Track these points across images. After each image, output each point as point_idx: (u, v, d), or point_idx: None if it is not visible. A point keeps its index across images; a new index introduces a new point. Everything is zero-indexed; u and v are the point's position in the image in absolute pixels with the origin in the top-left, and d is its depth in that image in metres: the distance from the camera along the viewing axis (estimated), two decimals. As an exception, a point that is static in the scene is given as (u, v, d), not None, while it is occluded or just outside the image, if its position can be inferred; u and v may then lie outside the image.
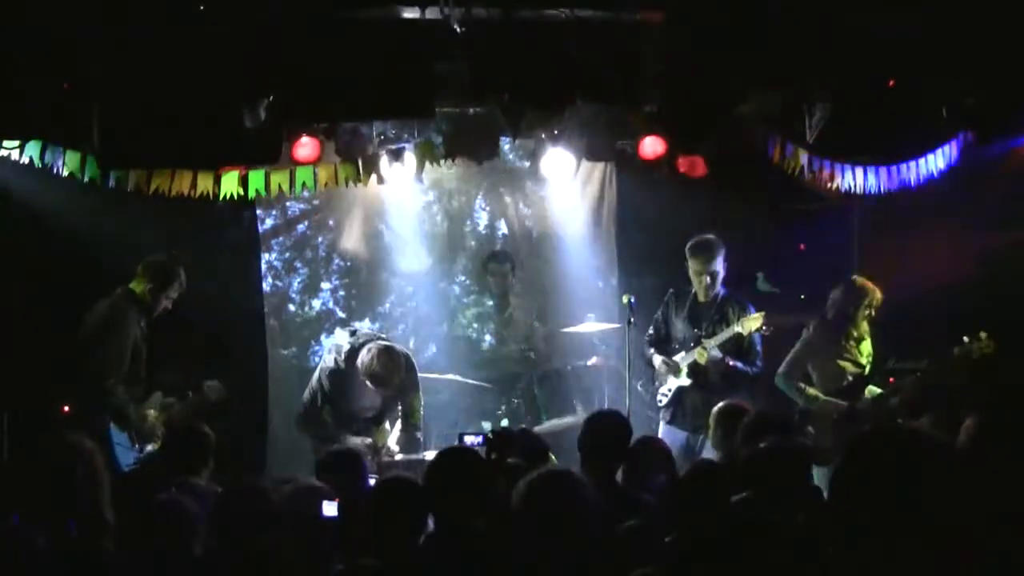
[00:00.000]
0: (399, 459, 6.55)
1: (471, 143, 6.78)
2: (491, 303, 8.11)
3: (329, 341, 7.21)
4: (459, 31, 5.73)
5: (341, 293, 8.61)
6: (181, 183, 6.37)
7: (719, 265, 6.55)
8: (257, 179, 6.57)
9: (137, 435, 6.26)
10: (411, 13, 5.78)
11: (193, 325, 7.10)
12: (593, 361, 7.79)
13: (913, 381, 6.28)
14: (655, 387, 6.91)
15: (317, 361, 7.78)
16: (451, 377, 7.80)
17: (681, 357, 6.64)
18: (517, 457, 4.71)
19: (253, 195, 6.74)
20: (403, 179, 6.89)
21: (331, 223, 8.54)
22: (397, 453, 6.64)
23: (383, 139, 6.74)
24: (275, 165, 6.46)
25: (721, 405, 5.45)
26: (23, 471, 3.88)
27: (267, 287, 8.41)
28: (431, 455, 4.98)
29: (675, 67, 6.13)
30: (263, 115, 5.75)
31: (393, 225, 8.65)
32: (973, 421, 3.01)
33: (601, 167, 8.41)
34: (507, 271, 7.98)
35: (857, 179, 6.91)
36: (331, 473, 4.57)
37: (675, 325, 6.81)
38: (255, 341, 8.11)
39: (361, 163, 6.69)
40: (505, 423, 7.35)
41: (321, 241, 8.59)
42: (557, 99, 6.07)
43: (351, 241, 8.57)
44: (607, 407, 7.10)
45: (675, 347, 6.77)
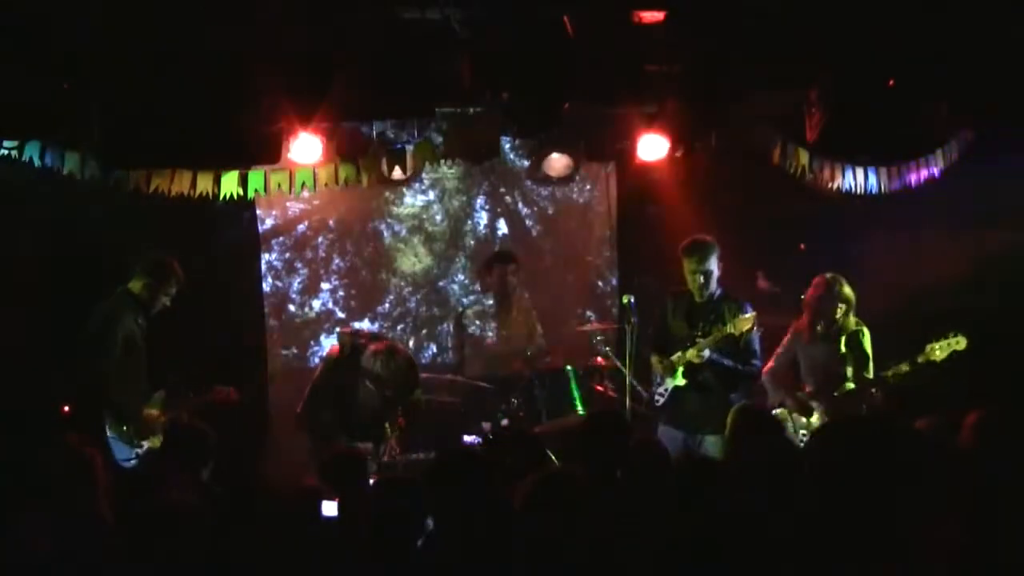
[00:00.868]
0: (399, 459, 6.55)
1: (471, 143, 6.78)
2: (491, 303, 8.11)
3: (329, 341, 7.22)
4: (459, 31, 5.73)
5: (341, 293, 8.61)
6: (181, 183, 6.36)
7: (712, 265, 6.55)
8: (257, 179, 6.56)
9: (136, 433, 6.26)
10: (411, 13, 5.78)
11: (193, 325, 7.10)
12: (593, 361, 7.79)
13: (891, 379, 6.29)
14: (654, 387, 6.91)
15: (317, 361, 7.79)
16: (451, 377, 7.81)
17: (677, 357, 6.64)
18: (516, 457, 4.71)
19: (253, 195, 6.74)
20: (403, 179, 6.88)
21: (331, 223, 8.55)
22: (397, 453, 6.64)
23: (383, 139, 6.74)
24: (275, 165, 6.46)
25: (736, 407, 5.45)
26: (23, 471, 3.88)
27: (267, 287, 8.41)
28: (431, 455, 4.98)
29: (675, 67, 6.14)
30: (263, 115, 5.76)
31: (393, 225, 8.67)
32: (974, 419, 3.02)
33: (601, 167, 8.41)
34: (507, 271, 7.97)
35: (857, 179, 6.91)
36: (331, 473, 4.58)
37: (673, 325, 6.81)
38: (255, 341, 8.11)
39: (361, 163, 6.69)
40: (505, 423, 7.35)
41: (321, 241, 8.59)
42: (557, 99, 6.08)
43: (351, 241, 8.58)
44: (607, 407, 7.10)
45: (674, 347, 6.76)
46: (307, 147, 6.27)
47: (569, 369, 7.72)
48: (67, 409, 6.27)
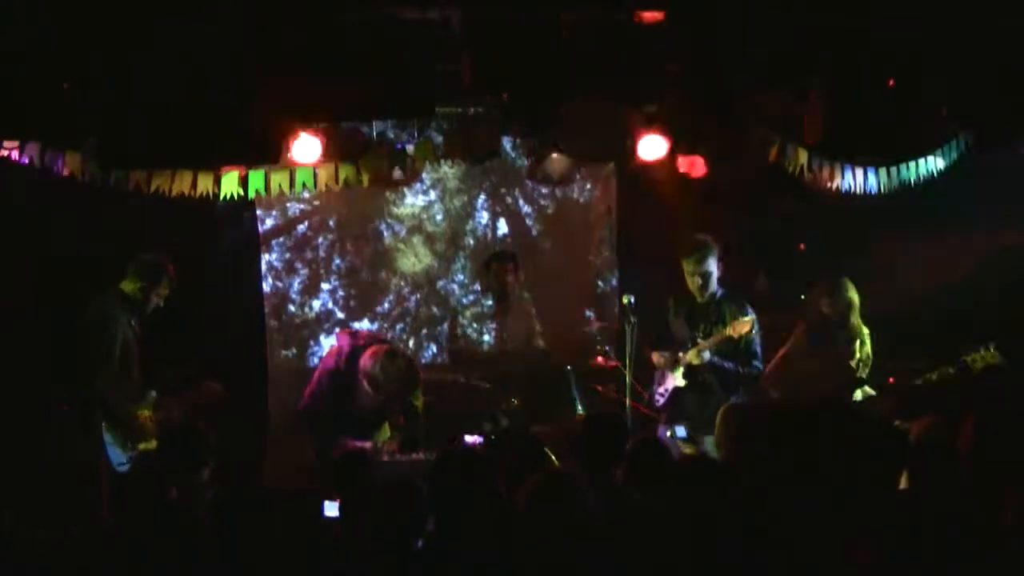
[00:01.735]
0: (399, 459, 6.55)
1: (471, 143, 6.78)
2: (491, 303, 8.11)
3: (329, 342, 7.21)
4: (459, 31, 5.73)
5: (341, 293, 8.61)
6: (181, 183, 6.36)
7: (711, 266, 6.55)
8: (257, 179, 6.56)
9: (128, 435, 6.24)
10: (411, 13, 5.78)
11: (193, 325, 7.10)
12: (593, 361, 7.79)
13: (909, 385, 6.26)
14: (654, 387, 6.91)
15: (317, 362, 7.79)
16: (451, 377, 7.80)
17: (679, 357, 6.65)
18: (517, 457, 4.71)
19: (253, 195, 6.74)
20: (403, 179, 6.88)
21: (331, 223, 8.55)
22: (397, 453, 6.63)
23: (383, 139, 6.73)
24: (275, 165, 6.46)
25: (724, 406, 5.45)
26: (23, 471, 3.89)
27: (267, 287, 8.41)
28: (431, 455, 4.98)
29: (675, 67, 6.14)
30: (263, 115, 5.76)
31: (393, 225, 8.66)
32: (971, 423, 3.02)
33: (601, 167, 8.41)
34: (507, 271, 7.97)
35: (857, 179, 6.90)
36: (332, 473, 4.58)
37: (675, 326, 6.81)
38: (255, 341, 8.11)
39: (361, 163, 6.69)
40: (505, 423, 7.35)
41: (321, 241, 8.58)
42: (557, 99, 6.08)
43: (351, 241, 8.58)
44: (606, 407, 7.10)
45: (676, 348, 6.77)
46: (307, 147, 6.27)
47: (569, 369, 7.72)
48: (66, 409, 6.27)
